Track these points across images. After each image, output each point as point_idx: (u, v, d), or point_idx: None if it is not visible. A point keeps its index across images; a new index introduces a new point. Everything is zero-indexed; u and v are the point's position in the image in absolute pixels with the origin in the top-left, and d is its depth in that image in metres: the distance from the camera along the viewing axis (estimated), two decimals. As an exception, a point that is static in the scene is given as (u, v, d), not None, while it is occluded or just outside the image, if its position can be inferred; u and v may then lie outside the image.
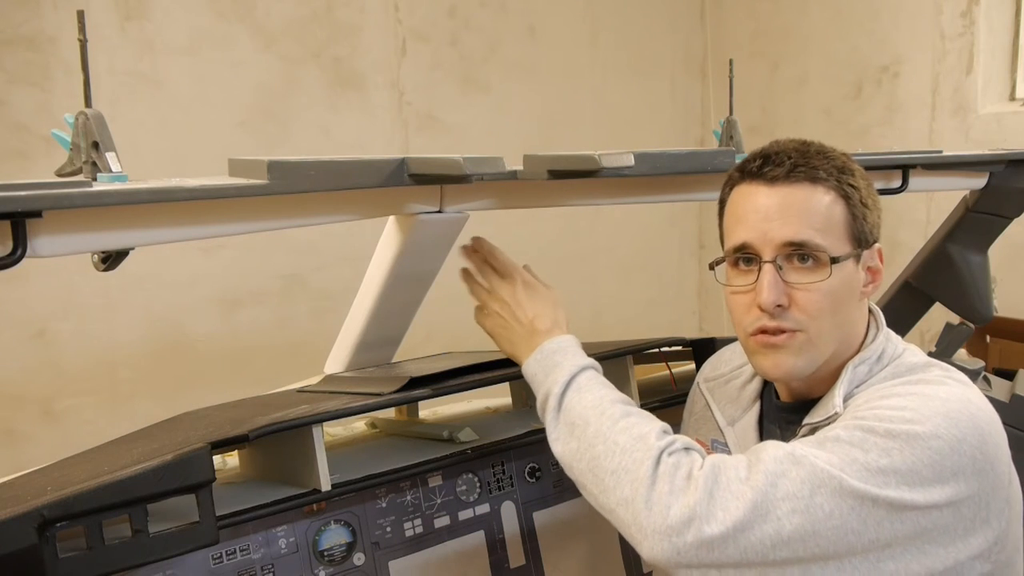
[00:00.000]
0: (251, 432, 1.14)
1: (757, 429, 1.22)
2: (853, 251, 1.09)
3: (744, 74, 2.00)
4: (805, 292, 1.07)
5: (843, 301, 1.09)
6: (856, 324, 1.13)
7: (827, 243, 1.07)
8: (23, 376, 2.75)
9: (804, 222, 1.07)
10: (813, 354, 1.09)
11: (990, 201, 1.78)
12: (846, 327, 1.11)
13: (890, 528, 0.94)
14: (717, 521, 0.94)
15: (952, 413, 0.98)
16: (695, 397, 1.37)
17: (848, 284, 1.09)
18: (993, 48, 3.19)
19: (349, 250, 2.46)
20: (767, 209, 1.09)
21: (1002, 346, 2.83)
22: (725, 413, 1.26)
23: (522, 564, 1.49)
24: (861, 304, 1.13)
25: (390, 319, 1.51)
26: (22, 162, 2.63)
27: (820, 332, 1.08)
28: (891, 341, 1.14)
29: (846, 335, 1.11)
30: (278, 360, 2.93)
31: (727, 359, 1.33)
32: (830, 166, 1.09)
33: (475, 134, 3.46)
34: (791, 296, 1.07)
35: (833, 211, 1.08)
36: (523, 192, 1.40)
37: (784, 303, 1.07)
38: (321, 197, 1.18)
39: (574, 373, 1.14)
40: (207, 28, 2.95)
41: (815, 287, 1.06)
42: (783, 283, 1.07)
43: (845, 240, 1.09)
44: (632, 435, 1.03)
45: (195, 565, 1.20)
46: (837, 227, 1.09)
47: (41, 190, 0.89)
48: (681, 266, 4.23)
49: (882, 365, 1.11)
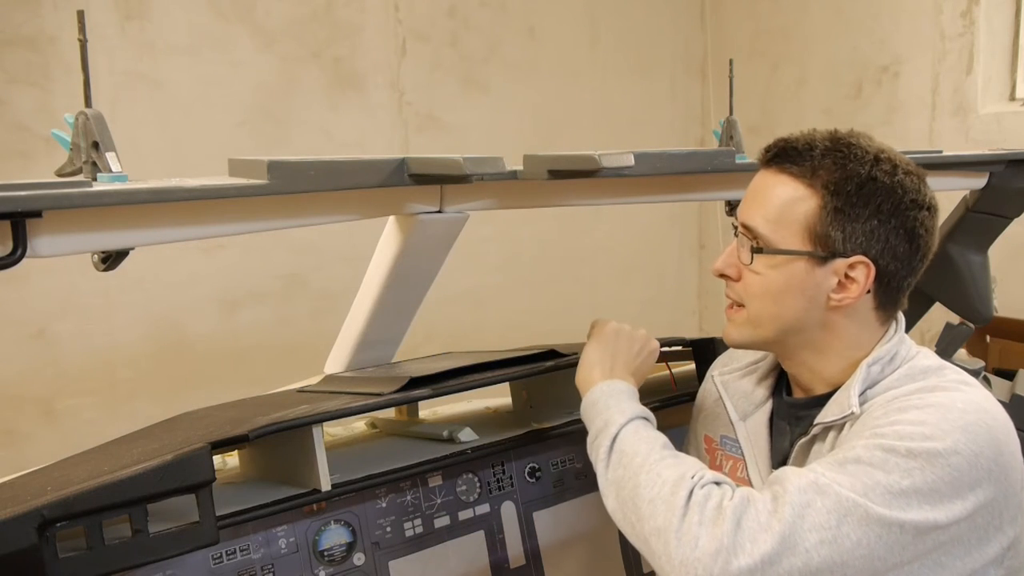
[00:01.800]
0: (251, 432, 1.14)
1: (768, 425, 1.23)
2: (805, 251, 1.09)
3: (744, 74, 2.01)
4: (749, 273, 1.13)
5: (787, 295, 1.10)
6: (832, 327, 1.12)
7: (772, 234, 1.10)
8: (23, 376, 2.75)
9: (759, 209, 1.12)
10: (750, 331, 1.15)
11: (990, 201, 1.78)
12: (795, 322, 1.12)
13: (913, 549, 0.96)
14: (746, 554, 0.94)
15: (970, 426, 0.98)
16: (707, 390, 1.37)
17: (795, 281, 1.10)
18: (993, 48, 3.19)
19: (349, 250, 2.46)
20: (750, 190, 1.16)
21: (1002, 346, 2.83)
22: (738, 407, 1.26)
23: (522, 564, 1.50)
24: (839, 312, 1.11)
25: (390, 319, 1.51)
26: (22, 162, 2.63)
27: (758, 314, 1.14)
28: (905, 343, 1.14)
29: (803, 330, 1.12)
30: (278, 360, 2.93)
31: (742, 354, 1.33)
32: (818, 163, 1.08)
33: (475, 134, 3.46)
34: (741, 272, 1.14)
35: (795, 206, 1.09)
36: (523, 192, 1.40)
37: (729, 273, 1.15)
38: (321, 197, 1.18)
39: (638, 415, 1.16)
40: (207, 28, 2.95)
41: (748, 269, 1.13)
42: (737, 258, 1.14)
43: (800, 238, 1.09)
44: (675, 471, 1.05)
45: (195, 565, 1.20)
46: (793, 223, 1.09)
47: (41, 190, 0.90)
48: (681, 266, 4.23)
49: (894, 366, 1.11)
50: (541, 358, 1.48)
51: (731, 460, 1.28)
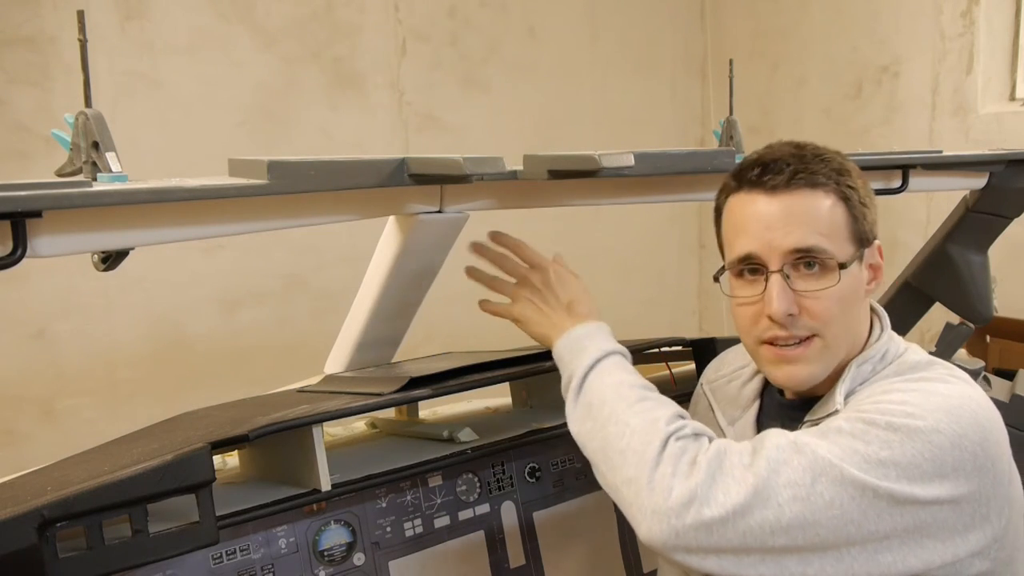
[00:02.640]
0: (251, 432, 1.14)
1: (755, 427, 1.23)
2: (856, 252, 1.09)
3: (744, 74, 2.01)
4: (814, 299, 1.07)
5: (851, 303, 1.09)
6: (862, 323, 1.14)
7: (833, 247, 1.07)
8: (23, 376, 2.75)
9: (809, 228, 1.07)
10: (828, 359, 1.10)
11: (990, 201, 1.78)
12: (854, 327, 1.12)
13: (889, 520, 0.95)
14: (717, 504, 0.94)
15: (954, 409, 0.98)
16: (698, 399, 1.37)
17: (854, 285, 1.10)
18: (993, 48, 3.19)
19: (349, 250, 2.46)
20: (769, 218, 1.08)
21: (1002, 346, 2.83)
22: (726, 413, 1.27)
23: (522, 564, 1.49)
24: (865, 302, 1.14)
25: (390, 319, 1.51)
26: (22, 162, 2.63)
27: (835, 336, 1.09)
28: (894, 340, 1.15)
29: (854, 335, 1.12)
30: (278, 360, 2.93)
31: (729, 360, 1.34)
32: (828, 169, 1.09)
33: (475, 134, 3.46)
34: (800, 304, 1.07)
35: (835, 214, 1.08)
36: (523, 192, 1.40)
37: (795, 311, 1.07)
38: (321, 197, 1.18)
39: (599, 357, 1.14)
40: (207, 28, 2.95)
41: (825, 293, 1.06)
42: (791, 291, 1.07)
43: (848, 242, 1.09)
44: (645, 418, 1.04)
45: (195, 565, 1.20)
46: (840, 230, 1.08)
47: (41, 190, 0.89)
48: (681, 266, 4.23)
49: (885, 363, 1.11)
50: (541, 358, 1.48)
51: None
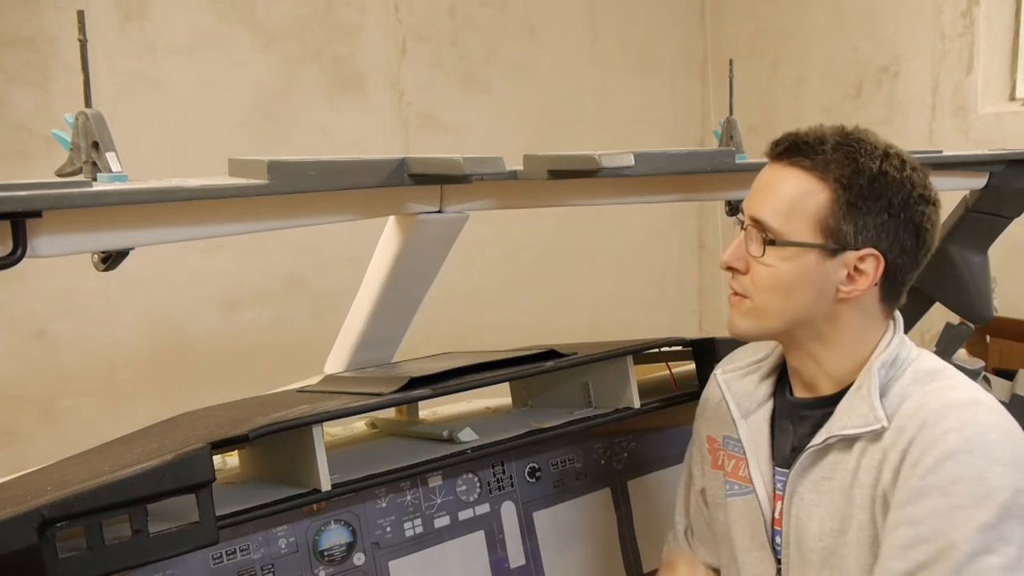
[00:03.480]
0: (251, 432, 1.14)
1: (769, 423, 1.24)
2: (817, 243, 1.10)
3: (744, 74, 2.01)
4: (755, 264, 1.13)
5: (794, 287, 1.11)
6: (839, 319, 1.14)
7: (782, 226, 1.10)
8: (23, 376, 2.75)
9: (769, 202, 1.13)
10: (755, 323, 1.16)
11: (990, 201, 1.78)
12: (802, 315, 1.13)
13: None
14: None
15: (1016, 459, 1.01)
16: (711, 390, 1.37)
17: (805, 273, 1.11)
18: (993, 48, 3.19)
19: (349, 250, 2.46)
20: (757, 183, 1.16)
21: (1002, 346, 2.83)
22: (740, 406, 1.26)
23: (522, 564, 1.50)
24: (846, 303, 1.13)
25: (390, 319, 1.51)
26: (22, 162, 2.63)
27: (764, 305, 1.14)
28: (905, 345, 1.16)
29: (810, 322, 1.14)
30: (278, 360, 2.92)
31: (744, 354, 1.34)
32: (830, 157, 1.10)
33: (475, 134, 3.46)
34: (748, 264, 1.14)
35: (806, 200, 1.10)
36: (523, 192, 1.40)
37: (736, 266, 1.15)
38: (321, 197, 1.18)
39: None
40: (207, 28, 2.95)
41: (758, 261, 1.12)
42: (745, 251, 1.14)
43: (811, 231, 1.10)
44: None
45: (195, 565, 1.21)
46: (804, 216, 1.10)
47: (41, 190, 0.90)
48: (681, 266, 4.22)
49: (897, 368, 1.12)
50: (541, 358, 1.48)
51: (733, 459, 1.29)
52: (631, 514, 1.65)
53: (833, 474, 1.13)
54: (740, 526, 1.26)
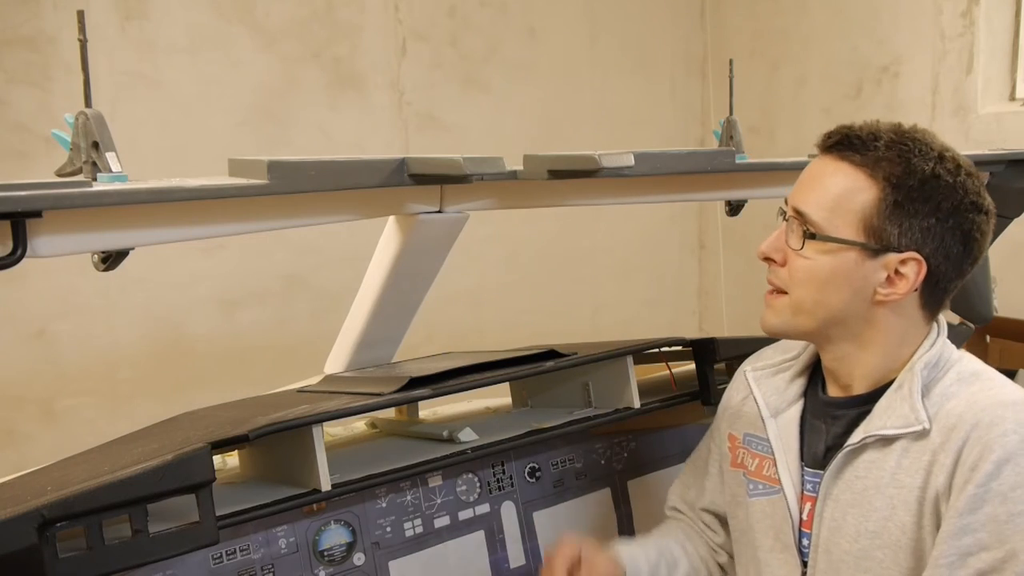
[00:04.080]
0: (251, 432, 1.14)
1: (799, 423, 1.22)
2: (858, 241, 1.08)
3: (744, 74, 2.01)
4: (793, 256, 1.11)
5: (830, 283, 1.09)
6: (876, 322, 1.12)
7: (824, 221, 1.08)
8: (23, 376, 2.75)
9: (814, 195, 1.10)
10: (789, 319, 1.13)
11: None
12: (838, 313, 1.11)
13: None
14: None
15: None
16: (736, 387, 1.35)
17: (843, 271, 1.09)
18: (993, 48, 3.19)
19: (349, 250, 2.46)
20: (804, 175, 1.14)
21: (1002, 346, 2.83)
22: (769, 404, 1.24)
23: (522, 564, 1.50)
24: (883, 307, 1.11)
25: (390, 319, 1.51)
26: (22, 162, 2.63)
27: (799, 300, 1.11)
28: (948, 347, 1.14)
29: (845, 322, 1.11)
30: (278, 360, 2.93)
31: (773, 353, 1.32)
32: (883, 155, 1.07)
33: (475, 134, 3.46)
34: (787, 257, 1.12)
35: (854, 196, 1.08)
36: (523, 192, 1.40)
37: (774, 257, 1.13)
38: (321, 197, 1.18)
39: None
40: (207, 28, 2.95)
41: (797, 254, 1.11)
42: (785, 243, 1.12)
43: (853, 228, 1.08)
44: None
45: (195, 565, 1.21)
46: (848, 212, 1.08)
47: (41, 190, 0.90)
48: (681, 266, 4.22)
49: (940, 369, 1.11)
50: (541, 358, 1.48)
51: (756, 458, 1.26)
52: (631, 514, 1.65)
53: (868, 474, 1.10)
54: (764, 526, 1.24)
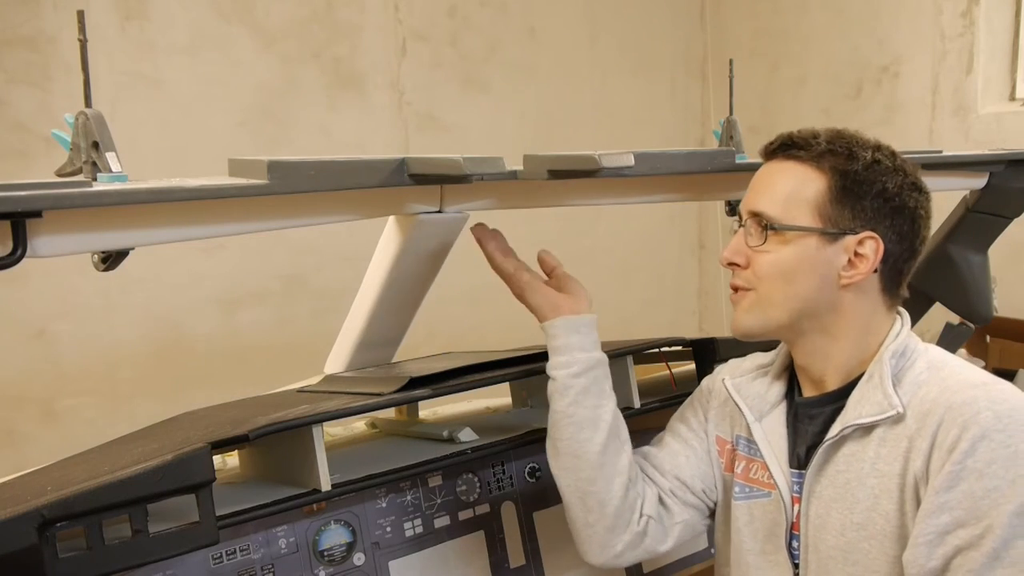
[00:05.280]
0: (251, 432, 1.14)
1: (784, 425, 1.23)
2: (815, 227, 1.12)
3: (744, 74, 2.01)
4: (756, 255, 1.15)
5: (799, 273, 1.13)
6: (843, 309, 1.15)
7: (780, 214, 1.13)
8: (23, 376, 2.75)
9: (766, 195, 1.15)
10: (759, 315, 1.16)
11: (990, 201, 1.78)
12: (806, 303, 1.14)
13: None
14: None
15: None
16: (714, 393, 1.35)
17: (806, 258, 1.13)
18: (993, 48, 3.19)
19: (349, 250, 2.46)
20: (754, 182, 1.19)
21: (1002, 346, 2.83)
22: (753, 409, 1.26)
23: (522, 564, 1.50)
24: (848, 291, 1.14)
25: (390, 319, 1.51)
26: (22, 162, 2.63)
27: (767, 295, 1.15)
28: (913, 338, 1.17)
29: (815, 312, 1.14)
30: (278, 360, 2.92)
31: (748, 363, 1.34)
32: (824, 148, 1.13)
33: (475, 134, 3.46)
34: (748, 258, 1.16)
35: (804, 188, 1.13)
36: (523, 192, 1.40)
37: (738, 261, 1.17)
38: (321, 197, 1.18)
39: None
40: (207, 28, 2.95)
41: (760, 250, 1.14)
42: (746, 247, 1.16)
43: (809, 217, 1.12)
44: None
45: (195, 565, 1.21)
46: (802, 203, 1.13)
47: (41, 190, 0.89)
48: (681, 266, 4.22)
49: (907, 358, 1.13)
50: (541, 358, 1.48)
51: (744, 461, 1.27)
52: (631, 514, 1.64)
53: (848, 468, 1.12)
54: (751, 530, 1.25)
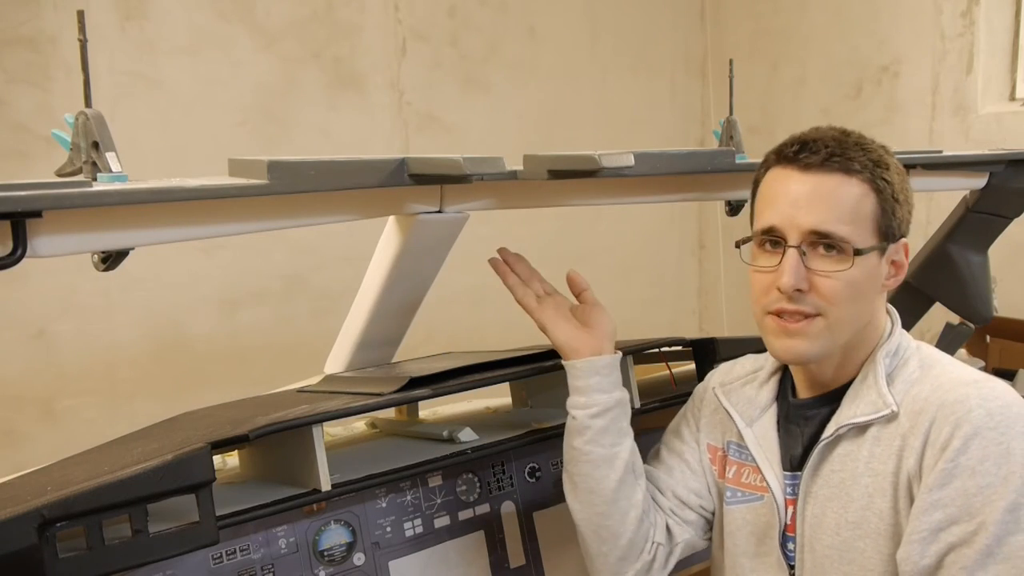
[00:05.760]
0: (251, 432, 1.14)
1: (776, 428, 1.23)
2: (878, 244, 1.11)
3: (744, 74, 2.01)
4: (826, 279, 1.09)
5: (864, 292, 1.11)
6: (876, 316, 1.16)
7: (852, 235, 1.09)
8: (23, 376, 2.75)
9: (832, 212, 1.09)
10: (828, 341, 1.11)
11: (990, 201, 1.78)
12: (864, 317, 1.13)
13: None
14: None
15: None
16: (705, 401, 1.36)
17: (870, 276, 1.11)
18: (993, 48, 3.19)
19: (349, 250, 2.46)
20: (797, 195, 1.10)
21: (1002, 346, 2.83)
22: (743, 415, 1.26)
23: (522, 564, 1.50)
24: (881, 296, 1.16)
25: (390, 319, 1.51)
26: (22, 162, 2.63)
27: (839, 319, 1.10)
28: (904, 336, 1.17)
29: (865, 325, 1.14)
30: (278, 360, 2.92)
31: (739, 367, 1.34)
32: (866, 159, 1.11)
33: (475, 134, 3.46)
34: (811, 281, 1.09)
35: (863, 204, 1.10)
36: (523, 192, 1.40)
37: (804, 288, 1.09)
38: (321, 197, 1.18)
39: None
40: (207, 28, 2.95)
41: (836, 275, 1.08)
42: (805, 268, 1.09)
43: (871, 233, 1.10)
44: None
45: (195, 565, 1.21)
46: (864, 220, 1.10)
47: (41, 190, 0.90)
48: (681, 266, 4.22)
49: (900, 357, 1.14)
50: (541, 358, 1.48)
51: (736, 465, 1.28)
52: (631, 514, 1.64)
53: (843, 467, 1.12)
54: (744, 534, 1.25)
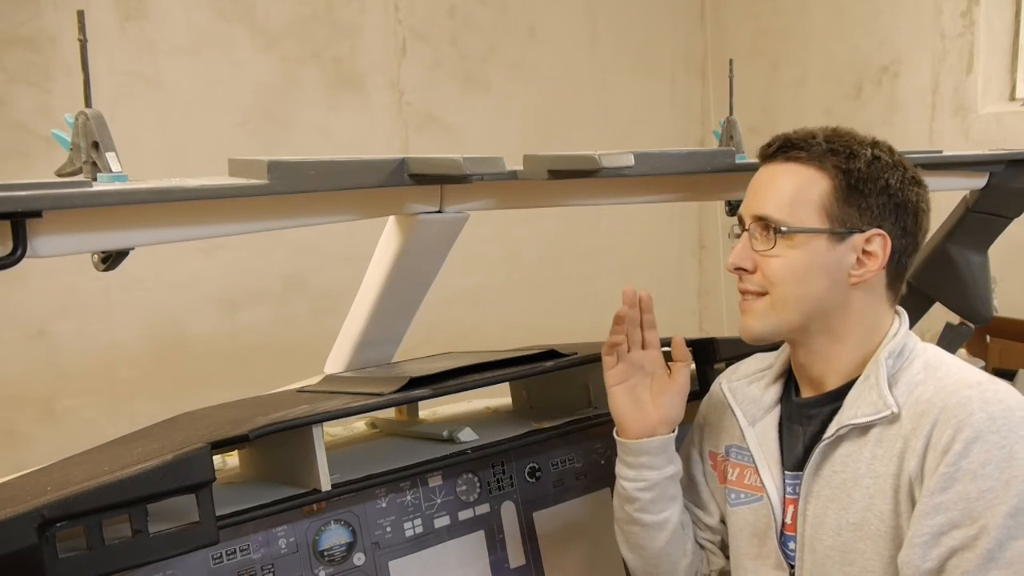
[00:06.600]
0: (251, 432, 1.14)
1: (777, 429, 1.24)
2: (825, 228, 1.12)
3: (744, 74, 2.01)
4: (766, 259, 1.14)
5: (810, 274, 1.13)
6: (875, 315, 1.15)
7: (788, 217, 1.12)
8: (23, 376, 2.75)
9: (771, 197, 1.14)
10: (774, 319, 1.15)
11: (990, 201, 1.78)
12: (817, 302, 1.14)
13: None
14: None
15: None
16: (712, 403, 1.37)
17: (817, 260, 1.12)
18: (993, 48, 3.19)
19: (349, 250, 2.46)
20: (754, 184, 1.18)
21: (1002, 346, 2.83)
22: (747, 413, 1.26)
23: (522, 564, 1.50)
24: (857, 289, 1.14)
25: (390, 319, 1.51)
26: (22, 162, 2.63)
27: (781, 297, 1.14)
28: (911, 337, 1.17)
29: (825, 312, 1.14)
30: (278, 360, 2.92)
31: (748, 365, 1.34)
32: (823, 148, 1.13)
33: (475, 134, 3.46)
34: (756, 262, 1.15)
35: (808, 189, 1.13)
36: (523, 192, 1.40)
37: (746, 266, 1.16)
38: (321, 197, 1.18)
39: None
40: (207, 28, 2.95)
41: (769, 254, 1.13)
42: (752, 251, 1.15)
43: (817, 217, 1.12)
44: None
45: (195, 565, 1.21)
46: (808, 204, 1.12)
47: (41, 190, 0.90)
48: (681, 266, 4.22)
49: (905, 358, 1.14)
50: (541, 358, 1.48)
51: (737, 468, 1.28)
52: (631, 514, 1.65)
53: (844, 468, 1.12)
54: (746, 534, 1.25)
